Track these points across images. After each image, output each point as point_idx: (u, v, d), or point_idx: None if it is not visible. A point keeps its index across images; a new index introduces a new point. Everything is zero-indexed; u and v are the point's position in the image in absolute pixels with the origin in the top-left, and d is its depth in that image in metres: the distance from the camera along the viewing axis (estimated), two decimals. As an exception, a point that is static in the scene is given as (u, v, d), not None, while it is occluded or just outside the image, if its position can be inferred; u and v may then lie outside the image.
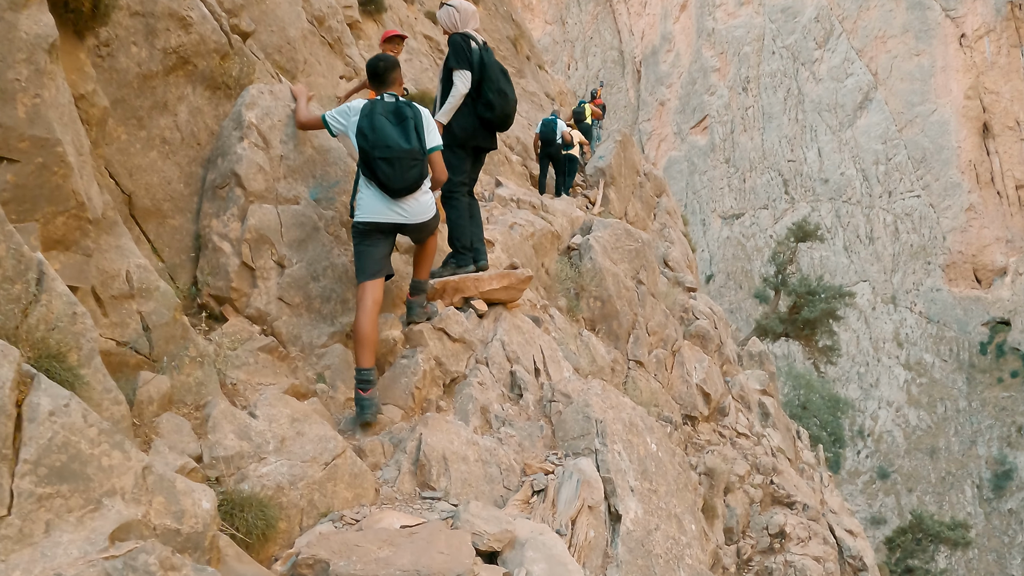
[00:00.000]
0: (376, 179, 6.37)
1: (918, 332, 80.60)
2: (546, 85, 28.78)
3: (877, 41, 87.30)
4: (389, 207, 6.48)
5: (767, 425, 18.34)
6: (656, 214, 25.57)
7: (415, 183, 6.45)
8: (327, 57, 11.15)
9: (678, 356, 15.08)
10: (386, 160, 6.30)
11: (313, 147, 7.20)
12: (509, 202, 13.83)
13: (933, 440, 75.15)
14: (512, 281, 7.98)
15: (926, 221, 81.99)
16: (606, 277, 13.33)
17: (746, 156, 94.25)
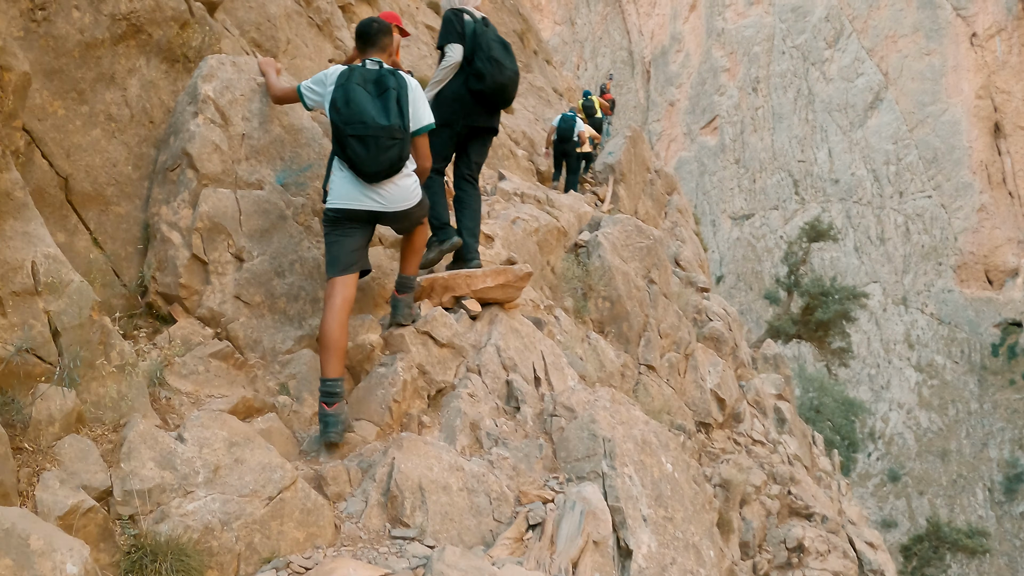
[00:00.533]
0: (347, 160, 5.53)
1: (929, 334, 79.71)
2: (554, 80, 27.92)
3: (887, 40, 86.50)
4: (363, 192, 5.63)
5: (783, 431, 17.63)
6: (667, 212, 24.76)
7: (392, 166, 5.57)
8: (315, 39, 10.26)
9: (691, 359, 14.24)
10: (358, 138, 5.43)
11: (282, 126, 6.34)
12: (512, 196, 12.94)
13: (944, 443, 74.30)
14: (509, 278, 7.04)
15: (937, 222, 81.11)
16: (616, 276, 12.46)
17: (756, 156, 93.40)
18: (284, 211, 6.07)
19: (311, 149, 6.52)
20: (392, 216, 5.81)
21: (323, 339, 5.39)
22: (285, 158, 6.27)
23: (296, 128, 6.45)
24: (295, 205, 6.20)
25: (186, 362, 5.17)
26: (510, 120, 19.01)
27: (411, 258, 6.33)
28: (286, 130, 6.33)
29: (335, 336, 5.37)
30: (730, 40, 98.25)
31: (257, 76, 6.28)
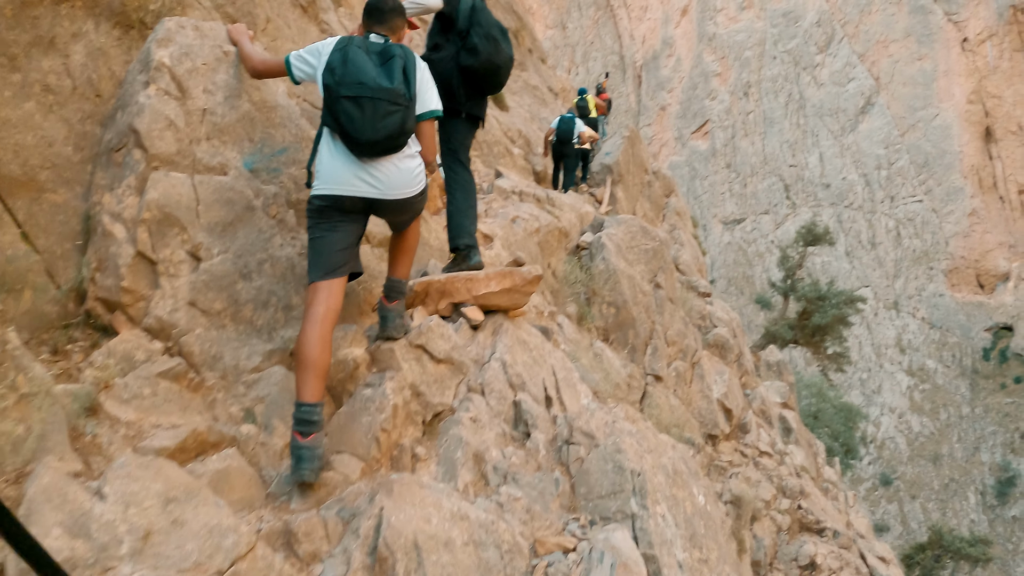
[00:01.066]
0: (339, 128, 4.59)
1: (920, 338, 79.38)
2: (549, 79, 27.01)
3: (879, 45, 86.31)
4: (355, 173, 4.68)
5: (789, 441, 16.90)
6: (665, 214, 23.95)
7: (392, 137, 4.62)
8: (298, 20, 9.29)
9: (697, 368, 13.39)
10: (353, 99, 4.54)
11: (252, 102, 5.36)
12: (511, 194, 12.02)
13: (936, 447, 73.94)
14: (516, 282, 6.04)
15: (928, 226, 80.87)
16: (621, 280, 11.55)
17: (747, 161, 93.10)
18: (252, 201, 5.11)
19: (286, 130, 5.56)
20: (390, 206, 4.86)
21: (299, 356, 4.42)
22: (255, 139, 5.31)
23: (269, 105, 5.49)
24: (266, 194, 5.24)
25: (128, 384, 4.20)
26: (506, 118, 18.13)
27: (403, 259, 5.33)
28: (257, 107, 5.36)
29: (314, 353, 4.40)
30: (721, 45, 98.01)
31: (225, 44, 5.32)
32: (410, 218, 5.11)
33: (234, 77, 5.23)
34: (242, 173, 5.11)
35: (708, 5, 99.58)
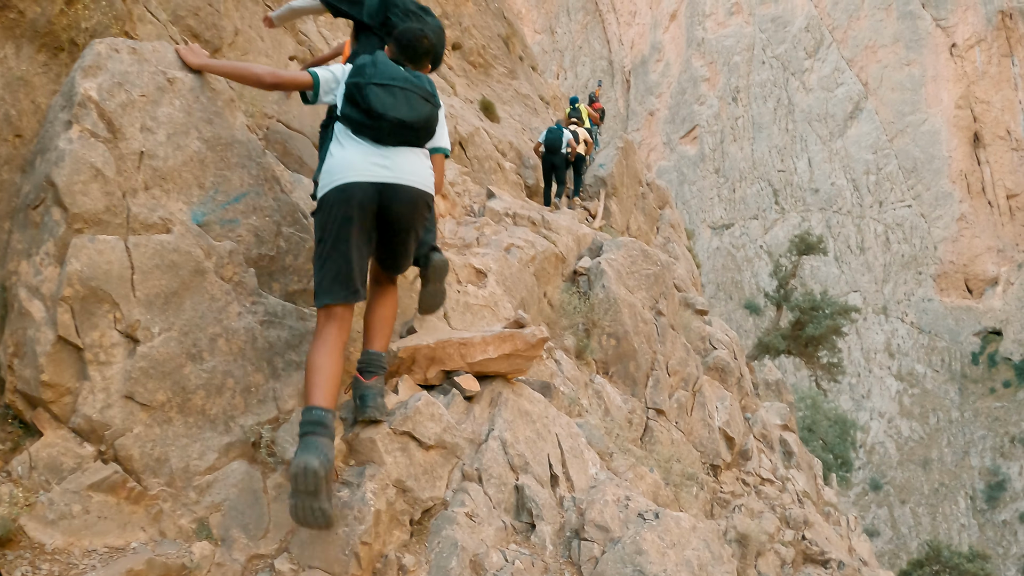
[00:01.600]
0: (368, 110, 4.38)
1: (909, 343, 79.12)
2: (540, 88, 26.12)
3: (867, 51, 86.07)
4: (372, 159, 4.40)
5: (790, 466, 16.30)
6: (659, 227, 23.18)
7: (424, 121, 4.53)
8: (272, 32, 8.45)
9: (699, 396, 12.61)
10: (384, 87, 4.44)
11: (203, 139, 4.52)
12: (503, 217, 11.18)
13: (926, 451, 73.70)
14: (518, 347, 5.21)
15: (917, 231, 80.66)
16: (622, 309, 10.77)
17: (736, 166, 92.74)
18: (202, 263, 4.27)
19: (246, 171, 4.73)
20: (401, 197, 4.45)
21: (310, 364, 4.11)
22: (206, 185, 4.47)
23: (224, 142, 4.64)
24: (219, 253, 4.40)
25: (55, 501, 3.42)
26: (496, 130, 17.28)
27: (381, 327, 4.74)
28: (209, 145, 4.51)
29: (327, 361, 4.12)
30: (710, 50, 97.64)
31: (172, 68, 4.46)
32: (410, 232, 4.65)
33: (181, 110, 4.38)
34: (190, 229, 4.26)
35: (697, 10, 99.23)
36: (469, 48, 20.37)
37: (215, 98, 4.69)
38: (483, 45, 21.13)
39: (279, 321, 4.66)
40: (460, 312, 6.81)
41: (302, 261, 5.06)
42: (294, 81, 4.68)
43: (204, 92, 4.61)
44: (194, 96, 4.51)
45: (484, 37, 21.44)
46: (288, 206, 5.05)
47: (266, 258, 4.72)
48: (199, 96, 4.55)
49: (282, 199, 5.00)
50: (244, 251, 4.59)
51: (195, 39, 6.69)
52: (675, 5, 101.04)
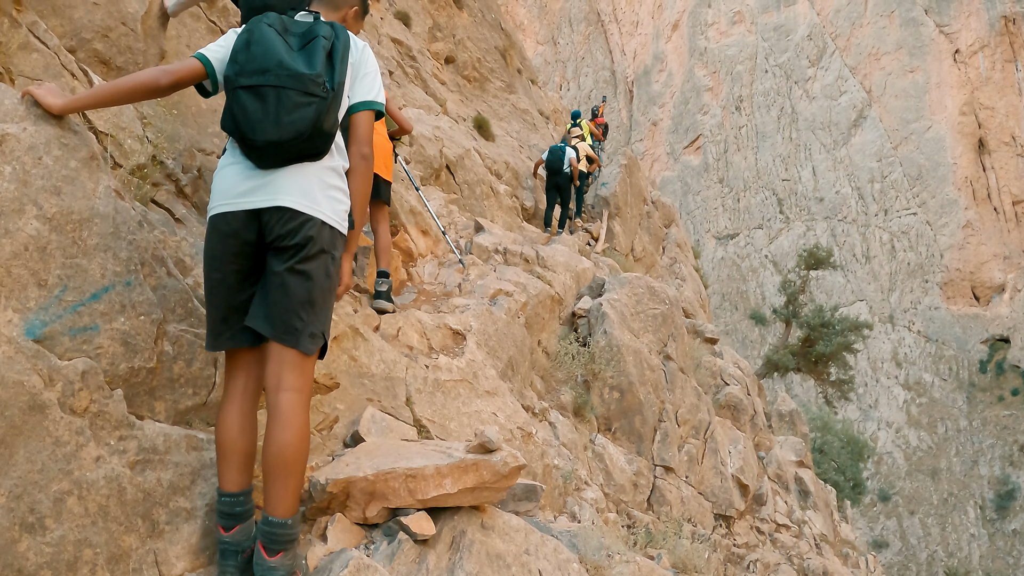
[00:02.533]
0: (236, 128, 3.37)
1: (917, 351, 78.07)
2: (539, 102, 24.85)
3: (870, 58, 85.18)
4: (248, 183, 3.40)
5: (807, 506, 15.20)
6: (665, 247, 21.90)
7: (302, 136, 3.33)
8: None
9: (710, 442, 11.37)
10: (252, 89, 3.35)
11: (45, 216, 3.24)
12: (492, 254, 9.92)
13: (934, 461, 72.68)
14: (485, 478, 3.83)
15: (923, 239, 79.66)
16: (626, 358, 9.51)
17: (740, 176, 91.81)
18: (41, 395, 2.99)
19: (111, 256, 3.44)
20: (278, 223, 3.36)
21: (217, 439, 3.42)
22: (49, 282, 3.17)
23: (79, 219, 3.34)
24: (68, 377, 3.11)
25: None
26: (491, 149, 16.03)
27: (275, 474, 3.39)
28: (54, 225, 3.21)
29: (231, 435, 3.39)
30: (713, 59, 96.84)
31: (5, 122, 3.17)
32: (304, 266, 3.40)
33: (13, 179, 3.09)
34: (22, 348, 2.96)
35: (699, 19, 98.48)
36: (463, 61, 19.13)
37: (66, 157, 3.38)
38: (478, 58, 19.90)
39: (160, 458, 3.39)
40: (428, 394, 5.53)
41: (199, 367, 3.80)
42: (188, 72, 3.55)
43: (50, 150, 3.31)
44: (34, 158, 3.21)
45: (479, 50, 20.22)
46: (178, 294, 3.78)
47: (142, 372, 3.45)
48: (42, 157, 3.26)
49: (169, 285, 3.73)
50: (107, 367, 3.30)
51: (104, 66, 5.42)
52: (677, 15, 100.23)
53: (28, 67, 4.31)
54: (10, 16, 4.24)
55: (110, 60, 5.41)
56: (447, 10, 18.94)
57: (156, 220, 4.10)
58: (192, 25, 6.77)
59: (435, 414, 5.37)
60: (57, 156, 3.34)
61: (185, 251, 4.08)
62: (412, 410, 5.24)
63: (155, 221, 4.06)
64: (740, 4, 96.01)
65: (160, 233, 3.89)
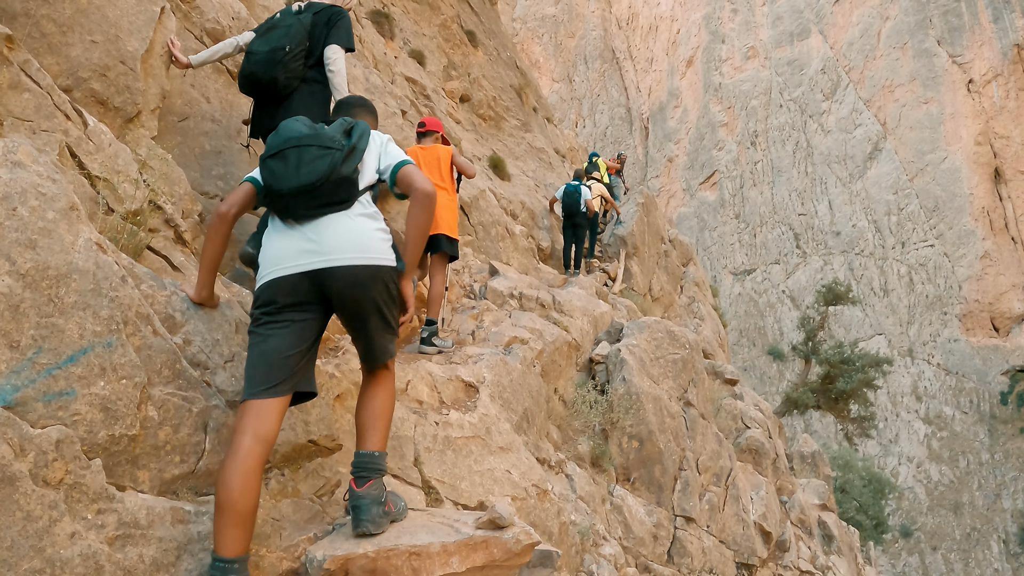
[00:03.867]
0: (268, 192, 3.88)
1: (936, 385, 77.13)
2: (555, 140, 24.64)
3: (884, 90, 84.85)
4: (296, 246, 3.78)
5: (831, 551, 14.84)
6: (683, 286, 21.58)
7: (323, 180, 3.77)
8: (223, 91, 6.94)
9: (732, 489, 11.03)
10: (276, 156, 3.86)
11: (19, 272, 3.02)
12: (507, 299, 9.62)
13: (956, 496, 71.70)
14: (495, 556, 3.54)
15: (941, 271, 78.94)
16: (645, 405, 9.18)
17: (756, 211, 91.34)
18: (10, 465, 2.75)
19: (90, 314, 3.20)
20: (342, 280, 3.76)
21: (217, 497, 3.37)
22: (21, 344, 2.92)
23: (56, 273, 3.11)
24: (40, 447, 2.84)
25: None
26: (507, 189, 15.80)
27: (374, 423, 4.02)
28: (28, 282, 2.98)
29: (233, 495, 3.35)
30: (727, 95, 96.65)
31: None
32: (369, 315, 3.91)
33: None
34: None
35: (713, 55, 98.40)
36: (478, 100, 18.94)
37: (43, 208, 3.12)
38: (493, 97, 19.70)
39: (142, 533, 3.11)
40: (438, 452, 5.23)
41: (187, 433, 3.52)
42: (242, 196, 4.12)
43: (26, 200, 3.05)
44: (8, 208, 2.96)
45: (495, 88, 20.03)
46: (165, 354, 3.50)
47: (123, 439, 3.17)
48: (16, 207, 3.00)
49: (155, 345, 3.45)
50: (85, 435, 3.03)
51: (101, 106, 5.19)
52: (691, 51, 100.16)
53: (19, 107, 4.12)
54: (1, 54, 4.02)
55: (107, 100, 5.21)
56: (462, 49, 18.77)
57: (144, 274, 3.82)
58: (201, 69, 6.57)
59: (445, 474, 5.07)
60: (33, 207, 3.09)
61: (175, 306, 3.81)
62: (421, 470, 4.95)
63: (142, 275, 3.78)
64: (754, 39, 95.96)
65: (148, 288, 3.62)
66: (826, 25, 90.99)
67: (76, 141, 4.41)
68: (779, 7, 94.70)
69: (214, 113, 6.52)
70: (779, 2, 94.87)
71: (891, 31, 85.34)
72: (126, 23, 5.41)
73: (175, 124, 5.93)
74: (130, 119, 5.31)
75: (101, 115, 5.13)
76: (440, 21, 18.16)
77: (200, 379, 3.76)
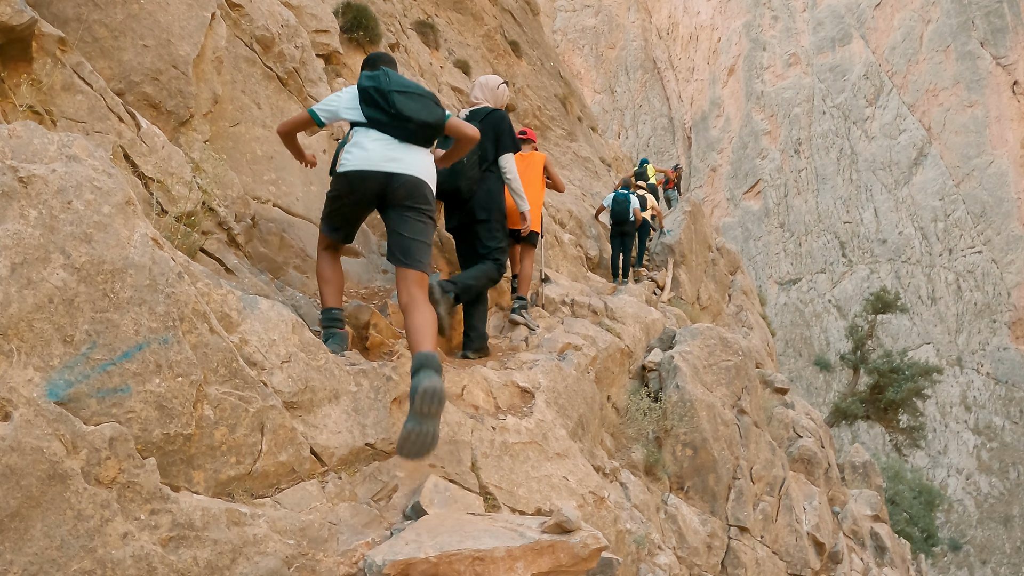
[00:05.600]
0: (395, 115, 5.25)
1: (986, 394, 75.99)
2: (600, 149, 24.51)
3: (928, 95, 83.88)
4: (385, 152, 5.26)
5: (883, 563, 14.66)
6: (731, 295, 21.35)
7: (439, 122, 5.43)
8: (274, 97, 6.89)
9: (784, 499, 10.81)
10: (406, 94, 5.30)
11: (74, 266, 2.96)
12: (560, 306, 9.50)
13: (1007, 508, 70.57)
14: (562, 561, 3.43)
15: (989, 277, 77.81)
16: (699, 412, 9.01)
17: (801, 219, 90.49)
18: (62, 462, 2.68)
19: (146, 310, 3.12)
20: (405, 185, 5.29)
21: (318, 275, 5.49)
22: (76, 338, 2.85)
23: (112, 268, 3.03)
24: (93, 444, 2.75)
25: None
26: (555, 199, 15.67)
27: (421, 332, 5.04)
28: (83, 276, 2.92)
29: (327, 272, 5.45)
30: (770, 103, 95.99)
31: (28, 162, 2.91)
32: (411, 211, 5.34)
33: (38, 224, 2.77)
34: (42, 411, 2.62)
35: (755, 63, 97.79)
36: (524, 110, 18.87)
37: (99, 202, 3.04)
38: (539, 106, 19.63)
39: (197, 535, 3.01)
40: (496, 458, 5.11)
41: (243, 433, 3.43)
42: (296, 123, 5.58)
43: (81, 194, 2.97)
44: (63, 202, 2.87)
45: (539, 98, 19.95)
46: (221, 352, 3.42)
47: (179, 438, 3.08)
48: (72, 201, 2.92)
49: (212, 343, 3.37)
50: (139, 433, 2.94)
51: (153, 109, 5.14)
52: (733, 59, 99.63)
53: (72, 109, 4.10)
54: (53, 56, 3.99)
55: (160, 104, 5.19)
56: (506, 59, 18.70)
57: (200, 272, 3.74)
58: (247, 71, 6.54)
59: (503, 480, 4.95)
60: (89, 201, 3.01)
61: (231, 305, 3.72)
62: (478, 476, 4.83)
63: (198, 273, 3.70)
64: (795, 46, 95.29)
65: (204, 285, 3.54)
66: (867, 30, 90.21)
67: (129, 143, 4.38)
68: (820, 13, 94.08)
69: (265, 119, 6.48)
70: (820, 8, 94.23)
71: (933, 34, 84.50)
72: (177, 28, 5.39)
73: (227, 129, 5.89)
74: (183, 123, 5.28)
75: (154, 118, 5.10)
76: (484, 32, 18.10)
77: (257, 379, 3.67)
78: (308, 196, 6.51)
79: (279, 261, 5.89)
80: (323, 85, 7.83)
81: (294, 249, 6.00)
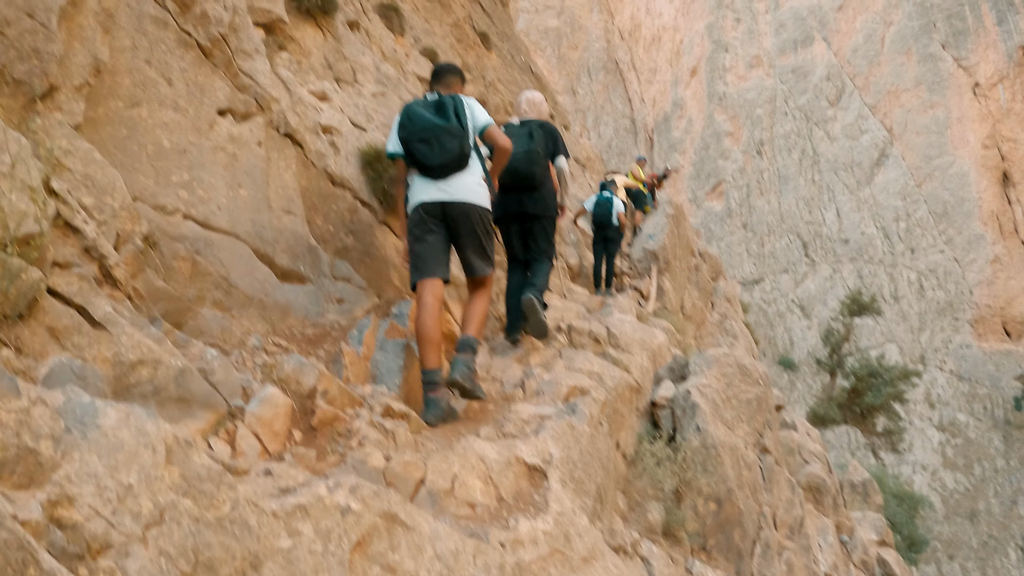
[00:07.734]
0: (416, 163, 6.09)
1: (950, 391, 75.87)
2: (574, 150, 23.03)
3: (890, 96, 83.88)
4: (432, 185, 6.07)
5: None
6: (714, 302, 19.89)
7: (455, 159, 6.02)
8: (191, 71, 5.11)
9: (802, 539, 9.26)
10: (423, 140, 5.96)
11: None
12: (556, 334, 7.84)
13: (972, 503, 70.30)
14: None
15: (951, 276, 77.86)
16: (723, 459, 7.39)
17: (763, 220, 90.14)
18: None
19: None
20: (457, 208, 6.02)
21: (419, 334, 5.70)
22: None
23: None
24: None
25: None
26: (529, 204, 14.18)
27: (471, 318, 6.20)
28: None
29: (430, 329, 5.67)
30: (732, 104, 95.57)
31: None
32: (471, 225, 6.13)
33: None
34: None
35: (717, 64, 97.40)
36: (494, 105, 17.33)
37: None
38: (509, 102, 18.12)
39: None
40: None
41: None
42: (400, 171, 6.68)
43: None
44: None
45: (511, 93, 18.45)
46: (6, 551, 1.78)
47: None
48: None
49: None
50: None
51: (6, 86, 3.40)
52: (695, 60, 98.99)
53: None
54: None
55: (3, 68, 3.39)
56: (476, 50, 17.15)
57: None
58: (155, 34, 4.77)
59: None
60: None
61: (42, 429, 2.03)
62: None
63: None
64: (757, 48, 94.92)
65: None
66: (829, 32, 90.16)
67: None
68: (782, 15, 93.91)
69: (177, 99, 4.77)
70: (782, 10, 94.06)
71: (895, 36, 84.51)
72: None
73: (121, 112, 4.20)
74: (40, 97, 3.50)
75: (18, 94, 3.36)
76: (452, 21, 16.61)
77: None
78: (235, 203, 4.85)
79: (189, 297, 4.18)
80: (260, 59, 6.10)
81: (212, 278, 4.36)
